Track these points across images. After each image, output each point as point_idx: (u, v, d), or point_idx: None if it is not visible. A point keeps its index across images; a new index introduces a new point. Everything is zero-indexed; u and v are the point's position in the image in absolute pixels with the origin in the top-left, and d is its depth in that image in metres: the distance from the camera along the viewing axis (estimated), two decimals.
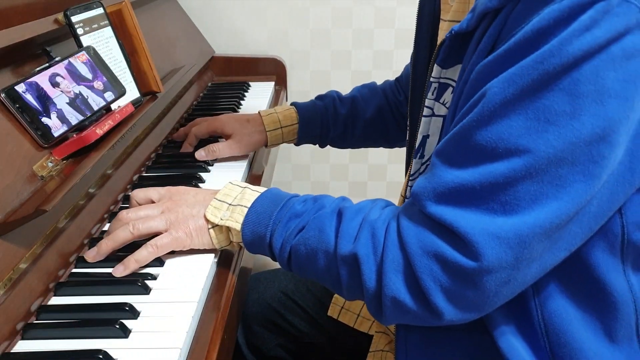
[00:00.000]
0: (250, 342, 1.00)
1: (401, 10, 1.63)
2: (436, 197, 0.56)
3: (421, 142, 0.71)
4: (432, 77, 0.67)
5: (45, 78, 0.75)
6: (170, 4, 1.45)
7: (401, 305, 0.59)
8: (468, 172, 0.55)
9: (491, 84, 0.53)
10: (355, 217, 0.63)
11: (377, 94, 1.10)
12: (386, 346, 0.84)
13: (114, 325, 0.59)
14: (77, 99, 0.78)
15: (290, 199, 0.68)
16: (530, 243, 0.53)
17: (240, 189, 0.71)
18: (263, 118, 1.04)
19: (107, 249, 0.70)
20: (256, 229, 0.67)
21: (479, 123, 0.54)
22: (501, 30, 0.56)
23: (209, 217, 0.69)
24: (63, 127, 0.74)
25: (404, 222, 0.60)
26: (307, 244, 0.64)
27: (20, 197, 0.65)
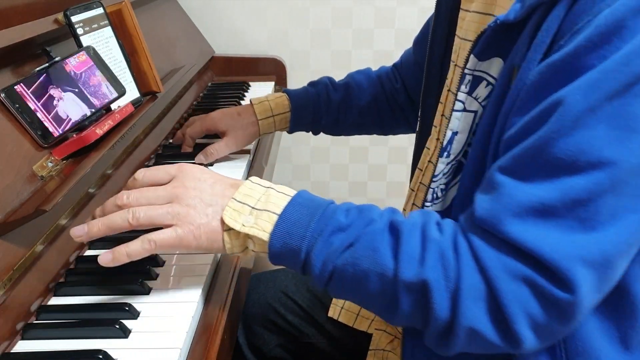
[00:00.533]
0: (250, 343, 0.99)
1: (401, 10, 1.63)
2: (511, 219, 0.51)
3: (449, 140, 0.65)
4: (467, 68, 0.62)
5: (45, 78, 0.75)
6: (170, 4, 1.45)
7: (477, 335, 0.53)
8: (545, 188, 0.50)
9: (568, 91, 0.48)
10: (412, 234, 0.56)
11: (372, 81, 1.07)
12: (387, 345, 0.84)
13: (114, 325, 0.59)
14: (76, 99, 0.78)
15: (329, 207, 0.60)
16: (614, 262, 0.50)
17: (263, 189, 0.62)
18: (255, 106, 1.02)
19: (98, 233, 0.60)
20: (288, 240, 0.58)
21: (558, 135, 0.49)
22: (561, 23, 0.50)
23: (228, 221, 0.59)
24: (63, 127, 0.74)
25: (477, 242, 0.53)
26: (357, 265, 0.55)
27: (20, 197, 0.65)
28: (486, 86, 0.62)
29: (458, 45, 0.70)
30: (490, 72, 0.62)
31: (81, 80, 0.80)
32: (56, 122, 0.74)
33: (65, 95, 0.77)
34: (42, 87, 0.74)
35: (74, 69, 0.80)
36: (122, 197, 0.61)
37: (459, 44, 0.70)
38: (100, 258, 0.60)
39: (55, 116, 0.74)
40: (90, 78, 0.82)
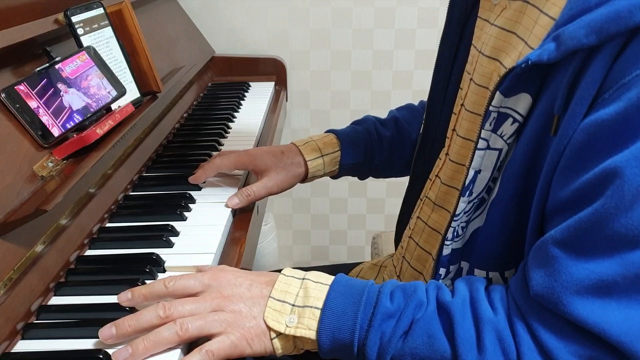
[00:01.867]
0: None
1: (401, 10, 1.63)
2: (571, 296, 0.49)
3: (472, 179, 0.63)
4: (492, 105, 0.59)
5: (46, 78, 0.75)
6: (170, 4, 1.45)
7: None
8: (605, 264, 0.48)
9: (624, 162, 0.46)
10: (464, 314, 0.54)
11: (418, 113, 0.98)
12: None
13: None
14: (77, 99, 0.78)
15: (371, 290, 0.58)
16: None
17: (299, 281, 0.61)
18: (300, 148, 0.90)
19: (146, 352, 0.55)
20: (338, 335, 0.56)
21: (618, 210, 0.47)
22: (607, 74, 0.48)
23: (271, 324, 0.58)
24: (63, 127, 0.75)
25: (536, 323, 0.52)
26: (416, 354, 0.55)
27: (21, 197, 0.65)
28: (512, 123, 0.59)
29: (475, 57, 0.68)
30: (517, 108, 0.58)
31: (81, 80, 0.81)
32: (56, 122, 0.74)
33: (65, 95, 0.77)
34: (43, 87, 0.74)
35: (74, 69, 0.80)
36: (163, 308, 0.58)
37: (476, 56, 0.68)
38: None
39: (55, 116, 0.74)
40: (91, 78, 0.82)
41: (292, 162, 0.89)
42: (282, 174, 0.88)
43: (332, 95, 1.71)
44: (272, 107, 1.42)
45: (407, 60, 1.67)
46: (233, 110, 1.30)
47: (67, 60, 0.80)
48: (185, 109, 1.26)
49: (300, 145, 0.91)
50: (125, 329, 0.56)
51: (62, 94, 0.76)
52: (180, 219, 0.81)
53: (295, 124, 1.74)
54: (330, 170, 0.94)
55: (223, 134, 1.15)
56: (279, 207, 1.83)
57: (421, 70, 1.67)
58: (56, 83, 0.76)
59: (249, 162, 0.89)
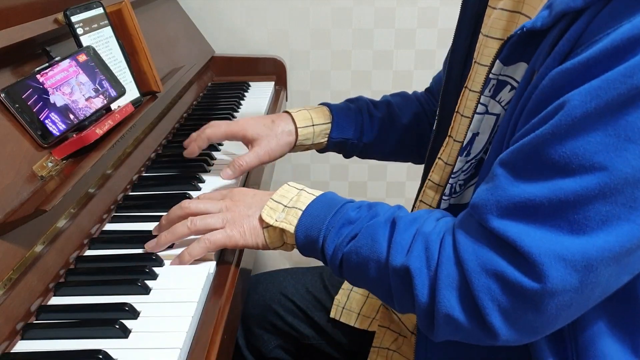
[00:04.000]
0: (250, 344, 0.99)
1: (401, 10, 1.63)
2: (500, 211, 0.53)
3: (470, 140, 0.68)
4: (492, 73, 0.63)
5: (45, 78, 0.75)
6: (170, 4, 1.45)
7: (454, 322, 0.56)
8: (537, 186, 0.51)
9: (571, 96, 0.50)
10: (408, 227, 0.61)
11: (411, 101, 1.02)
12: (392, 344, 0.84)
13: (114, 325, 0.59)
14: (76, 99, 0.78)
15: (345, 205, 0.67)
16: (597, 267, 0.50)
17: (297, 190, 0.72)
18: (293, 114, 0.92)
19: (166, 241, 0.72)
20: (309, 232, 0.67)
21: (554, 136, 0.50)
22: (582, 34, 0.52)
23: (264, 217, 0.69)
24: (63, 127, 0.74)
25: (461, 236, 0.57)
26: (359, 253, 0.62)
27: (20, 197, 0.65)
28: (510, 90, 0.63)
29: (481, 42, 0.70)
30: (515, 76, 0.62)
31: (81, 80, 0.80)
32: (56, 122, 0.74)
33: (65, 95, 0.77)
34: (42, 87, 0.74)
35: (74, 69, 0.80)
36: (185, 204, 0.74)
37: (482, 41, 0.70)
38: (172, 263, 0.71)
39: (55, 116, 0.74)
40: (90, 78, 0.82)
41: (282, 131, 0.91)
42: (273, 142, 0.90)
43: (332, 95, 1.71)
44: (272, 107, 1.42)
45: (407, 60, 1.67)
46: (233, 110, 1.30)
47: (67, 60, 0.80)
48: (185, 109, 1.26)
49: (293, 112, 0.94)
50: (162, 222, 0.75)
51: (61, 94, 0.76)
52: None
53: None
54: (319, 141, 0.95)
55: None
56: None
57: (421, 70, 1.67)
58: (56, 83, 0.76)
59: (239, 131, 0.90)
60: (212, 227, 0.71)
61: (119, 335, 0.59)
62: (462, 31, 0.78)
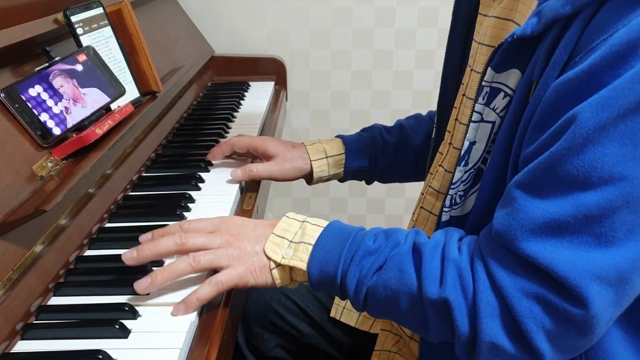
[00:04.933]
0: (250, 343, 0.99)
1: (401, 10, 1.63)
2: (525, 235, 0.53)
3: (467, 149, 0.67)
4: (484, 80, 0.63)
5: (45, 78, 0.75)
6: (170, 4, 1.45)
7: (499, 350, 0.56)
8: (558, 204, 0.51)
9: (581, 109, 0.49)
10: (434, 254, 0.60)
11: (423, 121, 1.02)
12: (393, 346, 0.84)
13: (113, 325, 0.59)
14: (76, 99, 0.78)
15: (358, 233, 0.65)
16: (631, 279, 0.50)
17: (299, 223, 0.68)
18: (307, 147, 0.96)
19: (163, 281, 0.64)
20: (325, 268, 0.63)
21: (570, 151, 0.50)
22: (578, 40, 0.52)
23: (269, 254, 0.66)
24: (62, 127, 0.74)
25: (493, 262, 0.56)
26: (387, 286, 0.60)
27: (20, 197, 0.65)
28: (504, 97, 0.63)
29: (475, 49, 0.70)
30: (508, 83, 0.62)
31: (81, 80, 0.80)
32: (56, 122, 0.74)
33: (64, 95, 0.77)
34: (42, 87, 0.74)
35: (73, 69, 0.80)
36: (180, 236, 0.66)
37: (476, 48, 0.70)
38: (174, 311, 0.62)
39: (54, 116, 0.74)
40: (90, 78, 0.82)
41: (299, 157, 0.95)
42: (288, 164, 0.94)
43: (332, 95, 1.71)
44: (272, 107, 1.42)
45: (407, 60, 1.67)
46: (233, 110, 1.30)
47: (67, 60, 0.80)
48: (185, 109, 1.26)
49: (308, 145, 0.97)
50: (145, 253, 0.65)
51: (61, 94, 0.76)
52: (179, 219, 0.81)
53: (295, 123, 1.74)
54: (335, 172, 0.98)
55: (223, 134, 1.15)
56: (279, 207, 1.83)
57: (421, 70, 1.67)
58: (55, 83, 0.76)
59: (261, 145, 0.95)
60: (217, 264, 0.65)
61: (119, 336, 0.59)
62: (455, 38, 0.78)
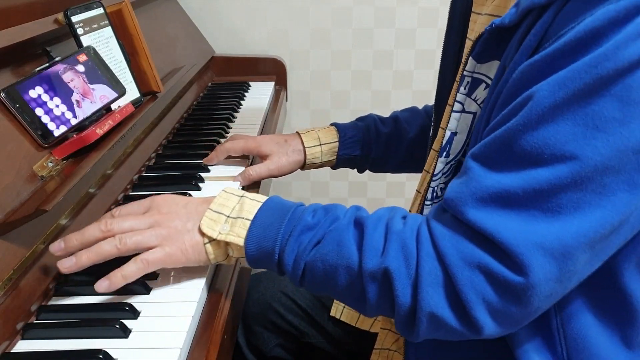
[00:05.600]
0: (250, 343, 1.00)
1: (401, 10, 1.63)
2: (475, 203, 0.54)
3: (448, 140, 0.68)
4: (466, 70, 0.64)
5: (46, 78, 0.75)
6: (170, 4, 1.45)
7: (439, 320, 0.55)
8: (510, 177, 0.52)
9: (539, 87, 0.51)
10: (376, 227, 0.59)
11: (419, 115, 1.04)
12: (393, 345, 0.84)
13: (114, 325, 0.59)
14: (77, 99, 0.78)
15: (297, 209, 0.64)
16: (574, 254, 0.51)
17: (237, 197, 0.66)
18: (302, 135, 0.98)
19: (88, 261, 0.62)
20: (262, 243, 0.62)
21: (525, 127, 0.51)
22: (548, 28, 0.53)
23: (205, 230, 0.63)
24: (63, 127, 0.75)
25: (438, 230, 0.56)
26: (326, 260, 0.59)
27: (21, 197, 0.65)
28: (485, 88, 0.63)
29: (468, 47, 0.71)
30: (490, 74, 0.63)
31: (81, 80, 0.80)
32: (56, 122, 0.74)
33: (65, 95, 0.77)
34: (43, 87, 0.74)
35: (74, 69, 0.80)
36: (106, 223, 0.64)
37: (469, 45, 0.71)
38: (97, 286, 0.61)
39: (55, 116, 0.74)
40: (90, 78, 0.82)
41: (293, 150, 0.96)
42: (284, 159, 0.95)
43: (332, 95, 1.71)
44: (272, 107, 1.42)
45: (407, 60, 1.67)
46: (233, 110, 1.30)
47: (67, 60, 0.80)
48: (185, 109, 1.26)
49: (302, 133, 0.98)
50: (72, 243, 0.63)
51: (61, 94, 0.76)
52: None
53: (295, 124, 1.74)
54: (328, 159, 0.99)
55: (223, 134, 1.15)
56: None
57: (421, 70, 1.67)
58: (56, 83, 0.76)
59: (254, 147, 0.97)
60: (145, 245, 0.63)
61: (119, 335, 0.59)
62: (451, 37, 0.79)
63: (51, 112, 0.74)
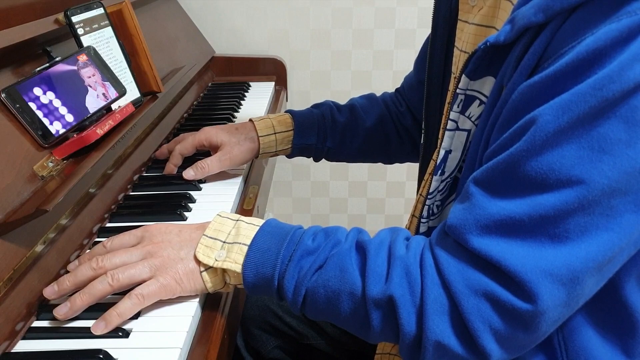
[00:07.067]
0: (249, 345, 1.00)
1: (401, 10, 1.63)
2: (479, 230, 0.52)
3: (443, 158, 0.66)
4: (458, 88, 0.63)
5: (46, 78, 0.75)
6: (171, 4, 1.45)
7: (445, 348, 0.54)
8: (515, 203, 0.51)
9: (542, 111, 0.50)
10: (379, 252, 0.58)
11: (377, 104, 1.03)
12: (393, 349, 0.84)
13: None
14: (77, 99, 0.78)
15: (296, 232, 0.62)
16: (582, 279, 0.50)
17: (233, 222, 0.64)
18: (255, 123, 0.95)
19: (82, 304, 0.60)
20: (261, 269, 0.60)
21: (529, 152, 0.50)
22: (547, 47, 0.52)
23: (201, 258, 0.62)
24: (63, 127, 0.75)
25: (442, 257, 0.55)
26: (328, 286, 0.58)
27: (21, 197, 0.65)
28: (479, 105, 0.63)
29: (457, 57, 0.70)
30: (483, 91, 0.62)
31: (81, 80, 0.81)
32: (57, 122, 0.74)
33: (65, 95, 0.77)
34: (43, 87, 0.74)
35: (74, 69, 0.80)
36: (96, 260, 0.62)
37: (458, 55, 0.70)
38: (93, 328, 0.59)
39: (55, 116, 0.74)
40: (91, 78, 0.82)
41: (245, 138, 0.94)
42: (236, 149, 0.92)
43: (332, 95, 1.71)
44: (272, 107, 1.42)
45: (407, 60, 1.67)
46: (233, 110, 1.30)
47: (67, 60, 0.80)
48: (186, 109, 1.26)
49: (255, 121, 0.96)
50: (65, 285, 0.62)
51: (62, 94, 0.76)
52: (180, 219, 0.81)
53: None
54: (283, 148, 0.97)
55: None
56: (279, 207, 1.84)
57: None
58: (56, 83, 0.76)
59: (204, 139, 0.94)
60: (138, 278, 0.61)
61: (119, 335, 0.59)
62: (436, 44, 0.78)
63: (51, 112, 0.74)
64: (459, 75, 0.63)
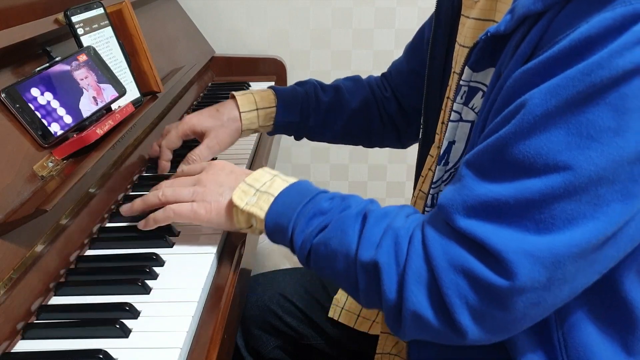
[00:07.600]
0: (249, 345, 0.99)
1: (401, 10, 1.63)
2: (466, 210, 0.53)
3: (446, 149, 0.67)
4: (462, 80, 0.63)
5: (46, 78, 0.75)
6: (171, 4, 1.45)
7: (422, 320, 0.55)
8: (502, 186, 0.51)
9: (531, 94, 0.50)
10: (379, 222, 0.60)
11: (362, 87, 1.02)
12: (393, 348, 0.84)
13: (114, 325, 0.59)
14: (77, 99, 0.78)
15: (318, 194, 0.66)
16: (564, 263, 0.50)
17: (271, 176, 0.70)
18: (238, 98, 0.94)
19: (139, 208, 0.75)
20: (279, 220, 0.65)
21: (517, 135, 0.50)
22: (543, 36, 0.52)
23: (235, 199, 0.68)
24: (63, 127, 0.75)
25: (430, 232, 0.56)
26: (328, 245, 0.61)
27: (21, 197, 0.65)
28: (482, 97, 0.63)
29: (457, 52, 0.71)
30: (486, 82, 0.62)
31: (81, 80, 0.81)
32: (56, 122, 0.74)
33: (65, 95, 0.77)
34: (43, 87, 0.74)
35: (74, 69, 0.80)
36: (162, 182, 0.77)
37: (458, 50, 0.71)
38: (139, 225, 0.75)
39: (55, 116, 0.74)
40: (91, 78, 0.82)
41: (228, 118, 0.94)
42: (221, 132, 0.93)
43: None
44: None
45: None
46: None
47: (67, 60, 0.80)
48: (186, 109, 1.26)
49: (238, 96, 0.95)
50: (137, 205, 0.76)
51: (62, 94, 0.76)
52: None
53: None
54: (265, 124, 0.97)
55: None
56: None
57: None
58: (56, 83, 0.76)
59: (188, 128, 0.94)
60: (180, 198, 0.72)
61: (120, 335, 0.59)
62: (438, 40, 0.78)
63: (51, 112, 0.74)
64: (461, 68, 0.63)
